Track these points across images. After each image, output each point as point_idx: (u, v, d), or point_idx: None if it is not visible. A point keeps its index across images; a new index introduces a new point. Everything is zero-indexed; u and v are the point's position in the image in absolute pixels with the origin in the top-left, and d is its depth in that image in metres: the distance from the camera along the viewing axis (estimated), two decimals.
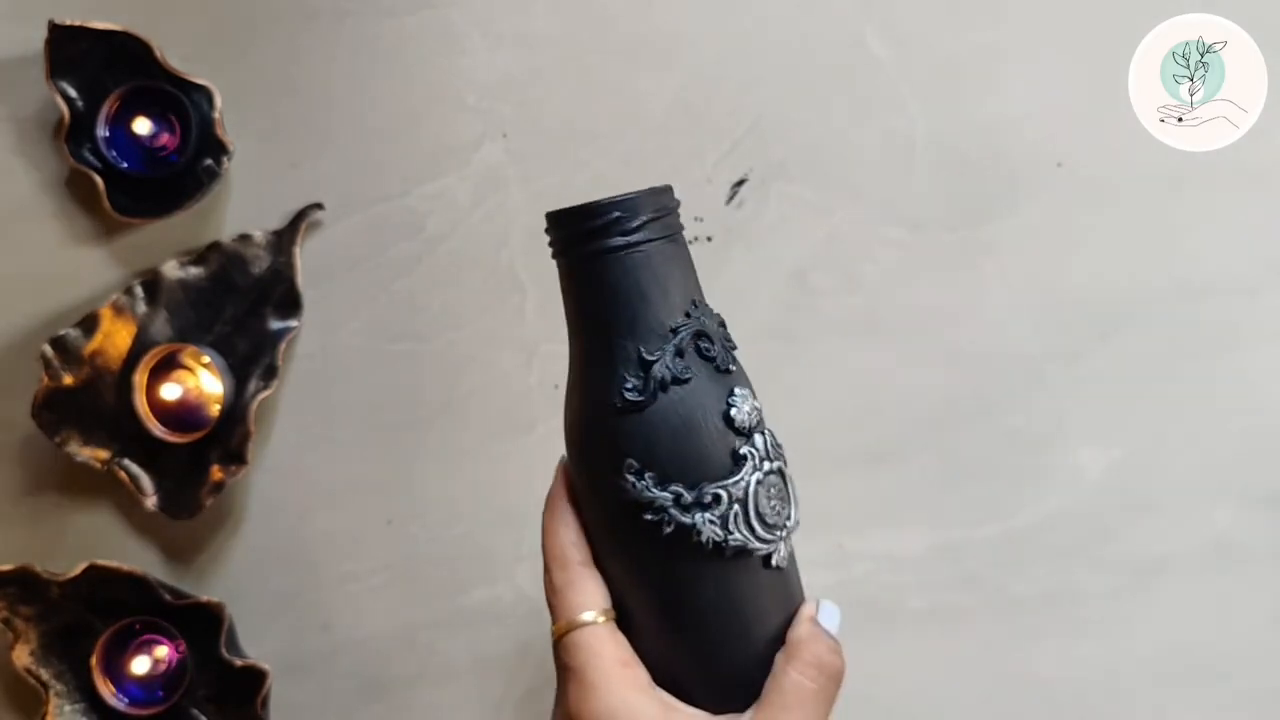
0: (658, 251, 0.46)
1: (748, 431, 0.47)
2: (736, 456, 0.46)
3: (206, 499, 0.69)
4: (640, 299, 0.46)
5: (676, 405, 0.46)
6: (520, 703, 0.72)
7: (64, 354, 0.69)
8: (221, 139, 0.68)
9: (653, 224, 0.46)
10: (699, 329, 0.46)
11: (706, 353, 0.46)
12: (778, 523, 0.47)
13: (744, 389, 0.47)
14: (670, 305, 0.46)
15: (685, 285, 0.47)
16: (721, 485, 0.46)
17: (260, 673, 0.69)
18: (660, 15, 0.71)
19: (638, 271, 0.46)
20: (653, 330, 0.46)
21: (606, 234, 0.46)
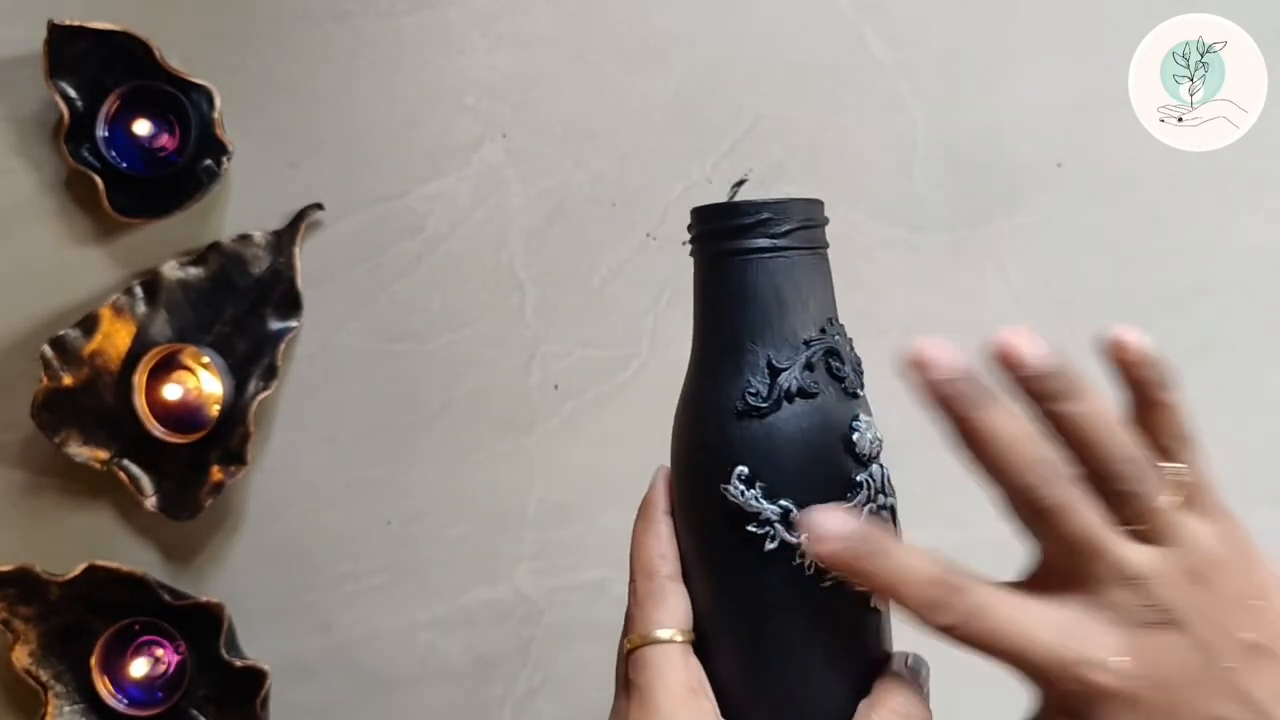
0: (802, 261, 0.45)
1: (867, 460, 0.45)
2: (852, 483, 0.44)
3: (206, 499, 0.69)
4: (778, 305, 0.44)
5: (799, 419, 0.44)
6: (520, 703, 0.72)
7: (64, 354, 0.69)
8: (221, 139, 0.68)
9: (800, 232, 0.45)
10: (832, 346, 0.45)
11: (837, 371, 0.45)
12: None
13: (869, 416, 0.46)
14: (806, 317, 0.45)
15: (824, 300, 0.46)
16: None
17: (260, 673, 0.69)
18: (660, 16, 0.71)
19: (779, 277, 0.44)
20: (786, 339, 0.44)
21: (753, 234, 0.45)
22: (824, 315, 0.45)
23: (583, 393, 0.71)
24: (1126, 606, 0.40)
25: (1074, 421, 0.41)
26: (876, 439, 0.45)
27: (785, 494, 0.43)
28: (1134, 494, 0.40)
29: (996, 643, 0.39)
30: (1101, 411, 0.41)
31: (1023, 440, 0.40)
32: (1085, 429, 0.41)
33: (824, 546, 0.40)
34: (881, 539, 0.40)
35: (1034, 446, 0.40)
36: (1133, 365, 0.43)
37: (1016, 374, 0.41)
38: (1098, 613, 0.40)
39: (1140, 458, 0.41)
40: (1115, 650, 0.39)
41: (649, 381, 0.71)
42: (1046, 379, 0.41)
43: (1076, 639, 0.39)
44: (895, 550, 0.40)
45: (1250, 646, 0.40)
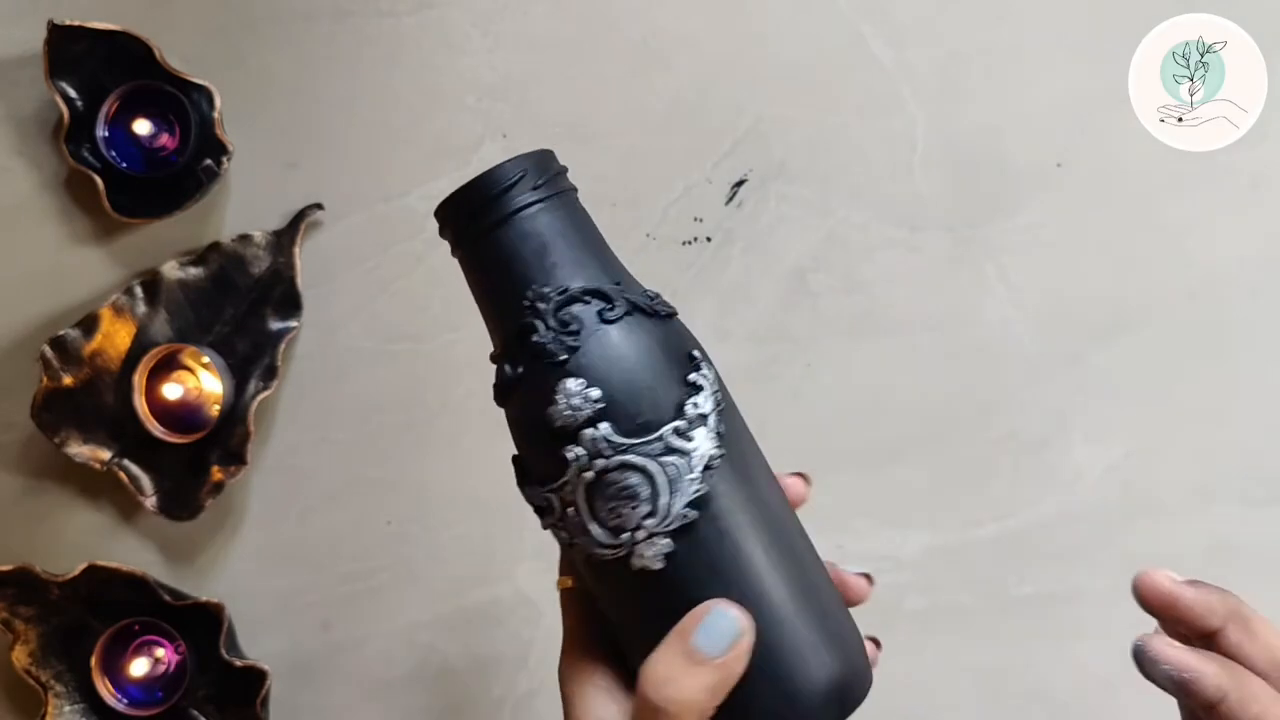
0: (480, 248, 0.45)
1: (572, 429, 0.42)
2: (559, 459, 0.42)
3: (206, 499, 0.69)
4: (484, 293, 0.45)
5: (513, 407, 0.44)
6: (520, 703, 0.72)
7: (64, 354, 0.69)
8: (221, 139, 0.68)
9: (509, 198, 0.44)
10: (527, 321, 0.43)
11: (535, 346, 0.43)
12: (621, 525, 0.42)
13: (575, 379, 0.42)
14: (510, 297, 0.44)
15: (534, 265, 0.44)
16: (550, 490, 0.43)
17: (260, 673, 0.69)
18: (660, 16, 0.71)
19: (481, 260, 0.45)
20: (500, 326, 0.45)
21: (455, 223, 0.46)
22: (527, 282, 0.44)
23: None
24: None
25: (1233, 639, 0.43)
26: (582, 401, 0.42)
27: (527, 482, 0.44)
28: None
29: None
30: None
31: None
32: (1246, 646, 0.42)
33: None
34: None
35: None
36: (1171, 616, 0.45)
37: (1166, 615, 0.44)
38: None
39: None
40: None
41: None
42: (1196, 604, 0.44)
43: None
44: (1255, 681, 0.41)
45: None
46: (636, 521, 0.42)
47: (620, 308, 0.43)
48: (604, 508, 0.42)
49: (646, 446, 0.42)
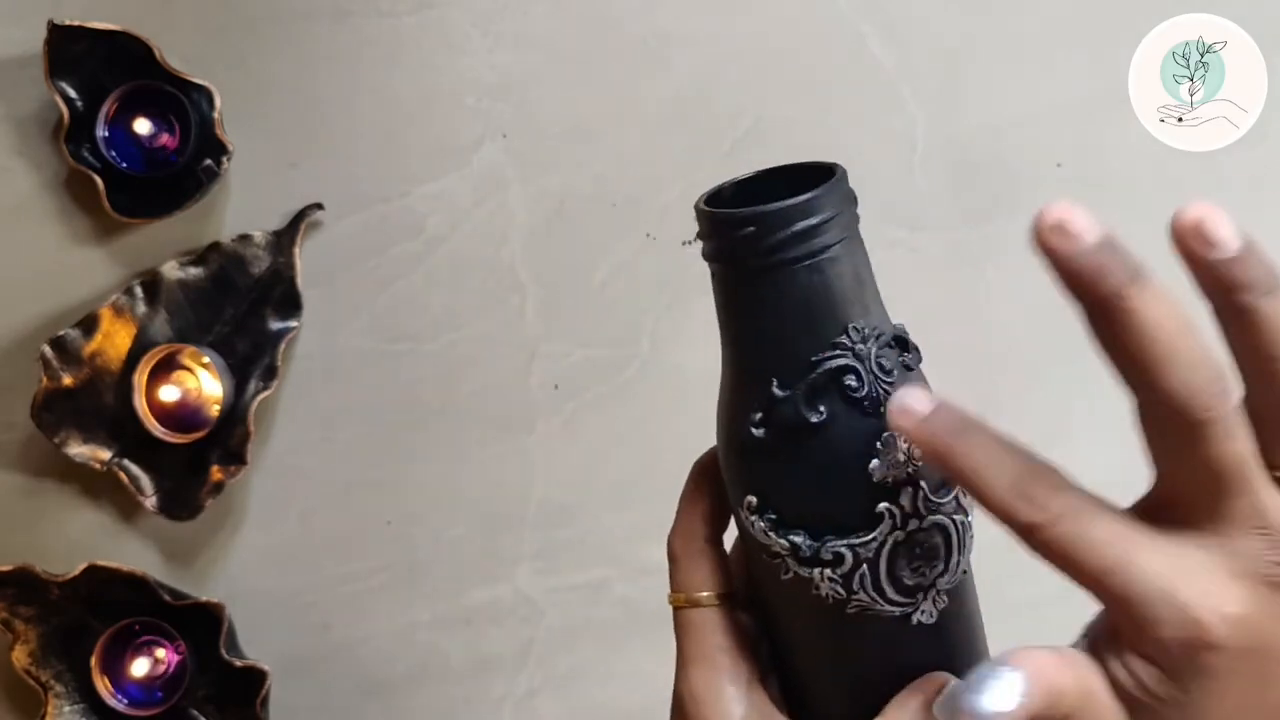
0: (805, 272, 0.39)
1: (891, 485, 0.39)
2: (872, 513, 0.39)
3: (206, 499, 0.69)
4: (781, 326, 0.40)
5: (805, 450, 0.40)
6: (520, 703, 0.72)
7: (64, 354, 0.69)
8: (221, 139, 0.68)
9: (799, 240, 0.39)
10: (845, 364, 0.39)
11: (852, 392, 0.39)
12: (919, 584, 0.41)
13: None
14: (818, 333, 0.39)
15: (845, 303, 0.40)
16: (848, 544, 0.40)
17: (260, 673, 0.69)
18: (660, 16, 0.71)
19: (783, 293, 0.39)
20: (792, 362, 0.39)
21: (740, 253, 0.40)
22: (843, 323, 0.40)
23: (583, 393, 0.71)
24: (1256, 558, 0.34)
25: (1266, 324, 0.33)
26: (908, 458, 0.40)
27: (797, 527, 0.40)
28: None
29: (1092, 556, 0.34)
30: None
31: (1184, 334, 0.32)
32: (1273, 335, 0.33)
33: (900, 421, 0.35)
34: (968, 419, 0.35)
35: (1197, 343, 0.33)
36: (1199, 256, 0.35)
37: (1205, 256, 0.34)
38: (1221, 556, 0.34)
39: None
40: (1238, 601, 0.33)
41: (649, 381, 0.71)
42: (1243, 263, 0.33)
43: (1194, 578, 0.33)
44: (982, 432, 0.35)
45: None
46: (932, 579, 0.41)
47: (916, 355, 0.42)
48: (906, 565, 0.40)
49: (947, 505, 0.41)
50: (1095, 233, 0.33)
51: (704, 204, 0.41)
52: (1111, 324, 0.33)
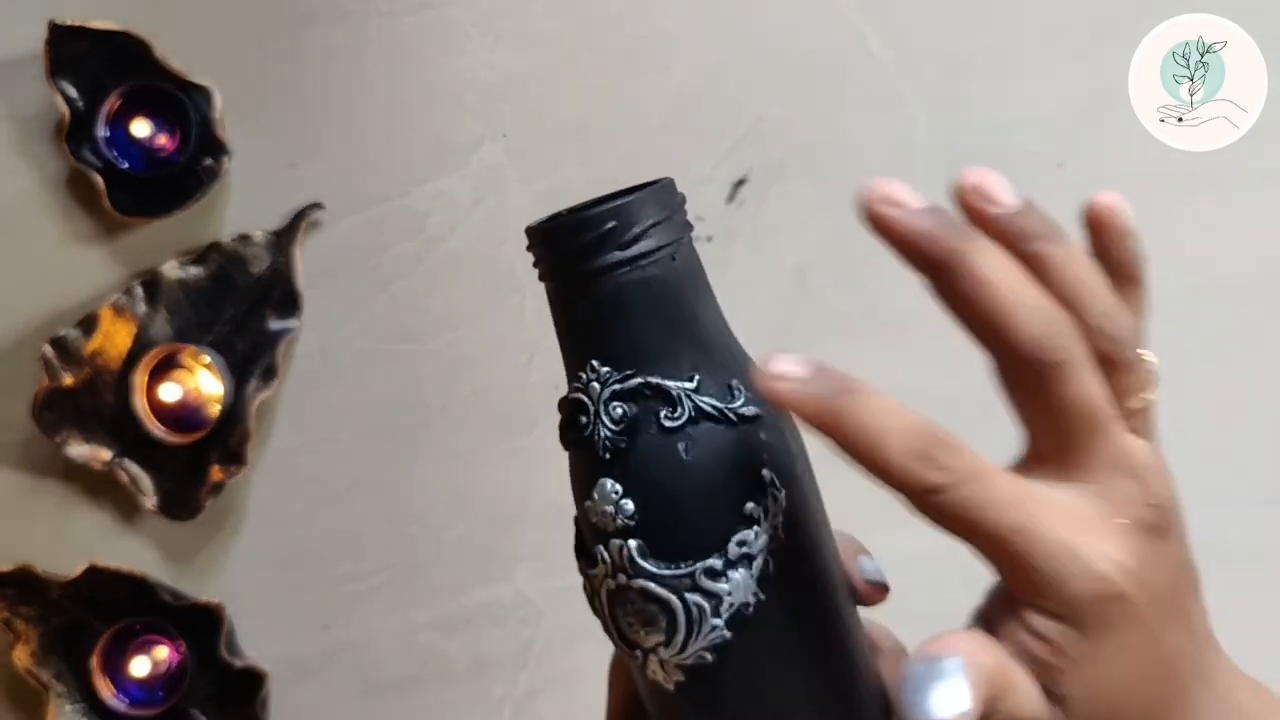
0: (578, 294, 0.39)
1: (601, 533, 0.38)
2: (590, 552, 0.38)
3: (206, 499, 0.69)
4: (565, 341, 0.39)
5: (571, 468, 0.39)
6: (520, 703, 0.72)
7: (64, 354, 0.69)
8: (221, 139, 0.68)
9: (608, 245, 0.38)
10: (577, 399, 0.38)
11: (581, 428, 0.37)
12: (637, 642, 0.38)
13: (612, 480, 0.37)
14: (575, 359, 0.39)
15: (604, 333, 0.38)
16: (585, 573, 0.39)
17: (260, 674, 0.69)
18: (660, 16, 0.71)
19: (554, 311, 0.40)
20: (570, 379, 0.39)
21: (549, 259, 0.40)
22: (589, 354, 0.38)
23: None
24: (1132, 501, 0.34)
25: (1061, 266, 0.34)
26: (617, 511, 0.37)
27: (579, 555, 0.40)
28: (1127, 366, 0.35)
29: (996, 517, 0.33)
30: (1087, 260, 0.35)
31: (1021, 283, 0.33)
32: (1074, 275, 0.34)
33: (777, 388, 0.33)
34: (855, 381, 0.33)
35: (1034, 290, 0.33)
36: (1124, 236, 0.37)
37: (986, 214, 0.34)
38: (1101, 504, 0.34)
39: (1134, 324, 0.35)
40: (1129, 551, 0.33)
41: None
42: (1024, 215, 0.34)
43: (1090, 531, 0.33)
44: (871, 393, 0.33)
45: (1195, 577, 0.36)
46: (651, 645, 0.38)
47: (683, 415, 0.37)
48: (623, 618, 0.38)
49: (673, 579, 0.37)
50: (919, 202, 0.33)
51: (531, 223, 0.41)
52: (953, 284, 0.33)
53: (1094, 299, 0.34)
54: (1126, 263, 0.37)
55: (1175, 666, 0.35)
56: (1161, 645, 0.34)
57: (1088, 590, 0.33)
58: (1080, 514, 0.34)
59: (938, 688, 0.33)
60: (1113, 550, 0.33)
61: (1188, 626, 0.35)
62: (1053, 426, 0.35)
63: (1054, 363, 0.33)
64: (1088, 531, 0.33)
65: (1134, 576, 0.33)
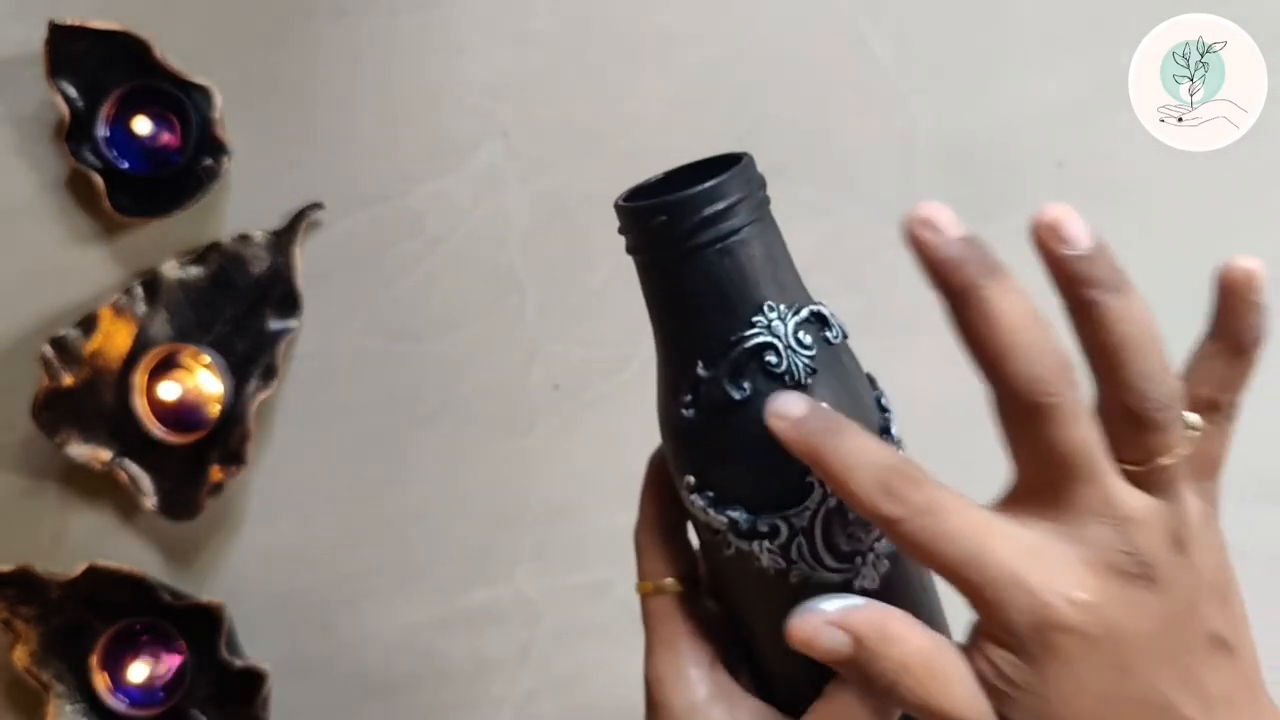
0: (730, 249, 0.41)
1: None
2: (803, 484, 0.41)
3: (206, 499, 0.69)
4: (700, 309, 0.41)
5: (733, 427, 0.41)
6: (520, 703, 0.72)
7: (64, 354, 0.69)
8: (221, 139, 0.68)
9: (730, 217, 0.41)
10: (764, 341, 0.41)
11: (772, 368, 0.41)
12: (856, 549, 0.42)
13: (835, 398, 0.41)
14: (735, 313, 0.41)
15: (759, 283, 0.41)
16: (782, 515, 0.41)
17: (260, 674, 0.69)
18: (660, 15, 0.71)
19: (699, 277, 0.41)
20: (713, 343, 0.41)
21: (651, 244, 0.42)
22: (759, 301, 0.41)
23: (582, 393, 0.72)
24: (1105, 546, 0.36)
25: (1114, 319, 0.35)
26: None
27: (733, 504, 0.42)
28: (1153, 427, 0.36)
29: (948, 547, 0.35)
30: (1146, 317, 0.36)
31: (1031, 324, 0.35)
32: (1124, 331, 0.35)
33: (775, 424, 0.37)
34: (838, 421, 0.37)
35: (1043, 333, 0.35)
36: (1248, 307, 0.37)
37: (1058, 253, 0.35)
38: (1071, 544, 0.36)
39: (1175, 389, 0.36)
40: (1085, 587, 0.35)
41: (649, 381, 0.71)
42: (1092, 260, 0.35)
43: (1044, 564, 0.35)
44: (850, 433, 0.37)
45: (1214, 637, 0.37)
46: (870, 544, 0.42)
47: (837, 331, 0.43)
48: (842, 532, 0.41)
49: None
50: (958, 230, 0.35)
51: (623, 200, 0.43)
52: (966, 313, 0.35)
53: (1137, 358, 0.35)
54: (1239, 334, 0.39)
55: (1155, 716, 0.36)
56: (1131, 689, 0.36)
57: (1029, 619, 0.35)
58: (1044, 549, 0.36)
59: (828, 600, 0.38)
60: (1068, 585, 0.35)
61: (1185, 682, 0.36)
62: (1036, 466, 0.36)
63: (1043, 405, 0.35)
64: (1042, 565, 0.35)
65: (1091, 614, 0.35)
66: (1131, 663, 0.36)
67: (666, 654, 0.44)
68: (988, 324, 0.35)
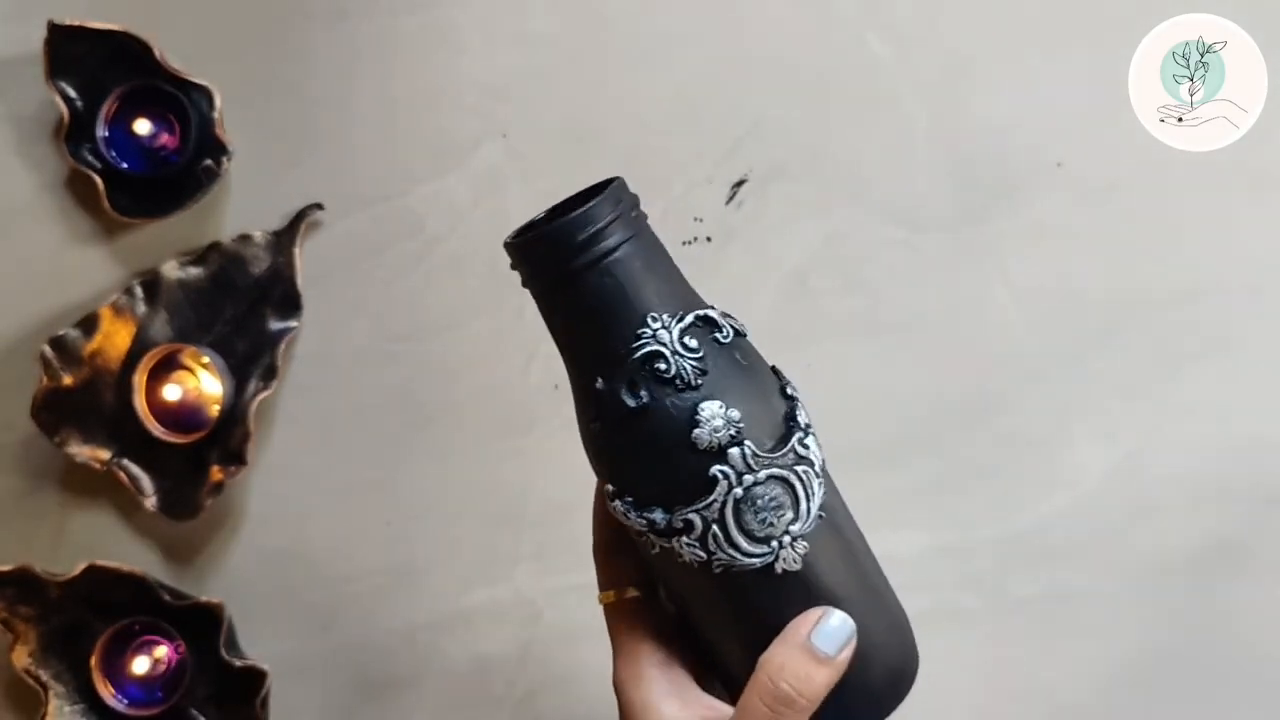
0: (597, 278, 0.44)
1: (718, 449, 0.44)
2: (707, 477, 0.44)
3: (206, 499, 0.69)
4: (590, 327, 0.45)
5: (637, 433, 0.45)
6: (520, 703, 0.72)
7: (64, 354, 0.69)
8: (221, 139, 0.68)
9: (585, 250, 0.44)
10: (652, 350, 0.44)
11: (662, 374, 0.44)
12: (770, 534, 0.45)
13: (713, 401, 0.44)
14: (623, 327, 0.45)
15: (641, 296, 0.45)
16: (693, 510, 0.44)
17: (259, 673, 0.69)
18: (660, 15, 0.71)
19: (585, 298, 0.45)
20: (607, 357, 0.45)
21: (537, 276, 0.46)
22: (642, 313, 0.45)
23: None
24: None
25: None
26: (726, 422, 0.44)
27: (651, 504, 0.45)
28: None
29: None
30: None
31: None
32: None
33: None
34: None
35: None
36: None
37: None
38: None
39: None
40: None
41: None
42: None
43: None
44: None
45: None
46: (784, 528, 0.45)
47: (726, 330, 0.46)
48: (754, 520, 0.45)
49: (783, 458, 0.45)
50: None
51: (511, 238, 0.46)
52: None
53: None
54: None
55: None
56: None
57: None
58: None
59: None
60: None
61: None
62: None
63: None
64: None
65: None
66: None
67: (627, 658, 0.48)
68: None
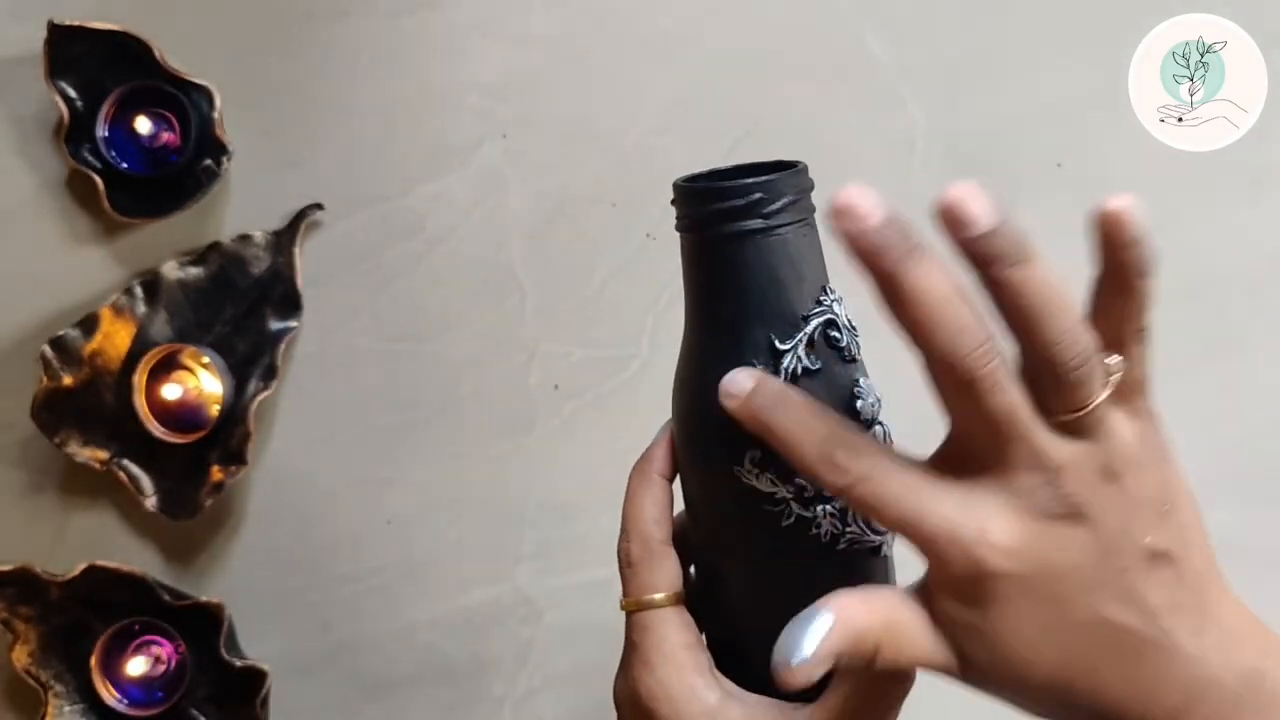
0: (795, 235, 0.44)
1: (869, 422, 0.45)
2: None
3: (206, 499, 0.69)
4: (774, 285, 0.44)
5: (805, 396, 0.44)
6: (520, 703, 0.72)
7: (64, 354, 0.69)
8: (221, 139, 0.68)
9: (792, 207, 0.44)
10: (830, 317, 0.44)
11: (835, 342, 0.44)
12: None
13: (867, 378, 0.45)
14: (803, 292, 0.44)
15: (818, 269, 0.45)
16: None
17: (260, 673, 0.69)
18: (660, 14, 0.71)
19: (774, 256, 0.44)
20: (784, 318, 0.44)
21: (746, 215, 0.44)
22: (818, 285, 0.45)
23: (583, 393, 0.71)
24: (1034, 495, 0.38)
25: (1019, 290, 0.37)
26: (876, 400, 0.45)
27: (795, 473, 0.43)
28: (1071, 384, 0.38)
29: (889, 508, 0.39)
30: (1051, 282, 0.38)
31: (952, 301, 0.37)
32: (1031, 299, 0.37)
33: (728, 403, 0.41)
34: (785, 395, 0.41)
35: (964, 309, 0.37)
36: (1123, 246, 0.39)
37: (960, 235, 0.37)
38: (1002, 496, 0.39)
39: (1088, 345, 0.38)
40: (1013, 534, 0.38)
41: (649, 381, 0.71)
42: (992, 238, 0.37)
43: (975, 517, 0.38)
44: (795, 406, 0.40)
45: (1151, 552, 0.39)
46: None
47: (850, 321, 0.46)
48: None
49: None
50: (878, 215, 0.37)
51: (711, 181, 0.46)
52: (891, 295, 0.37)
53: (1049, 323, 0.37)
54: (1122, 272, 0.39)
55: (1101, 636, 0.39)
56: (1070, 615, 0.39)
57: (966, 569, 0.38)
58: (973, 504, 0.39)
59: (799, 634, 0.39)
60: (996, 535, 0.38)
61: (1123, 599, 0.39)
62: (969, 428, 0.39)
63: (970, 378, 0.37)
64: (975, 519, 0.38)
65: (1020, 557, 0.38)
66: (1067, 593, 0.39)
67: (670, 668, 0.45)
68: (911, 305, 0.37)
